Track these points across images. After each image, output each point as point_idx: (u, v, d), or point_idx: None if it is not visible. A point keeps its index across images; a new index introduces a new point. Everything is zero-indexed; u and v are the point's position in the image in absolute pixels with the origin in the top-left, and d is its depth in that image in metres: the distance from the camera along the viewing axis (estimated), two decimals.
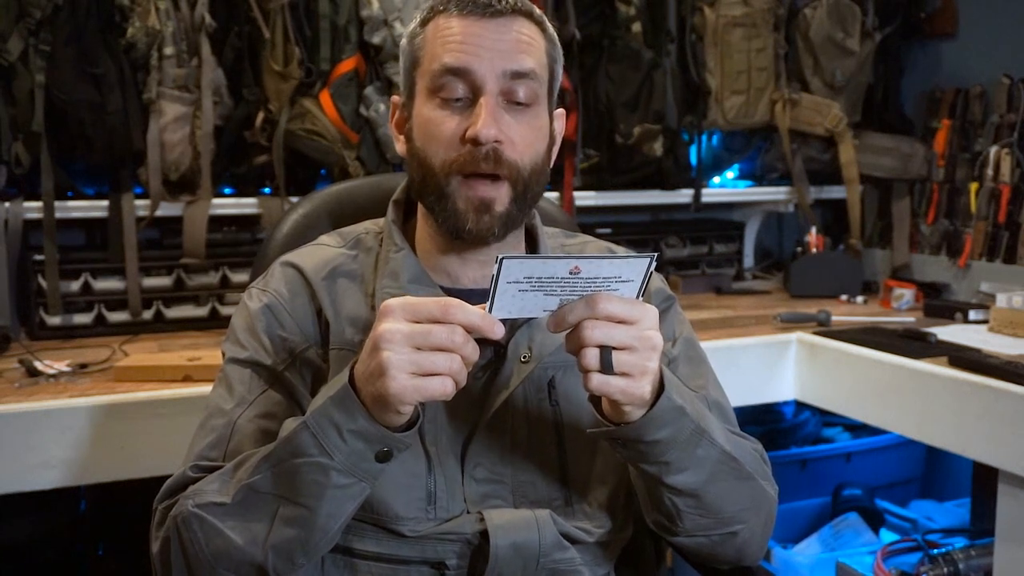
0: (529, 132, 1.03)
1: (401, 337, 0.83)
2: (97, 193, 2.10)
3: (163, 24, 1.93)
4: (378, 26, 2.08)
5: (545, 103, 1.07)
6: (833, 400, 2.01)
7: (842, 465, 2.70)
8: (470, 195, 1.01)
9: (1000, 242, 2.38)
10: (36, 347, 1.84)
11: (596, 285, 0.87)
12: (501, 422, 1.04)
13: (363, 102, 2.11)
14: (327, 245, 1.12)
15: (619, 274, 0.87)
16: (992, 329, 2.07)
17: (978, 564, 1.94)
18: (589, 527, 1.05)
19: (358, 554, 1.03)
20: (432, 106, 1.03)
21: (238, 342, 1.07)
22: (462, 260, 1.07)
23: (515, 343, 1.04)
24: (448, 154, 1.01)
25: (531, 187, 1.04)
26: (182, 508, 0.95)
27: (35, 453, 1.47)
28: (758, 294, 2.58)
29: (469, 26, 1.02)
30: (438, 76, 1.01)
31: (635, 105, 2.38)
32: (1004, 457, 1.63)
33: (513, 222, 1.05)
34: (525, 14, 1.05)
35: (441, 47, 1.02)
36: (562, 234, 1.21)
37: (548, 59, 1.07)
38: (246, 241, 2.15)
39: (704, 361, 1.17)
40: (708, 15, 2.49)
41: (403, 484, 1.02)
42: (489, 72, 1.01)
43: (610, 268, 0.86)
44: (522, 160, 1.02)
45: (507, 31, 1.02)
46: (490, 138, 0.99)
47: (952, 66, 2.63)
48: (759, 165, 2.72)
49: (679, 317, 1.18)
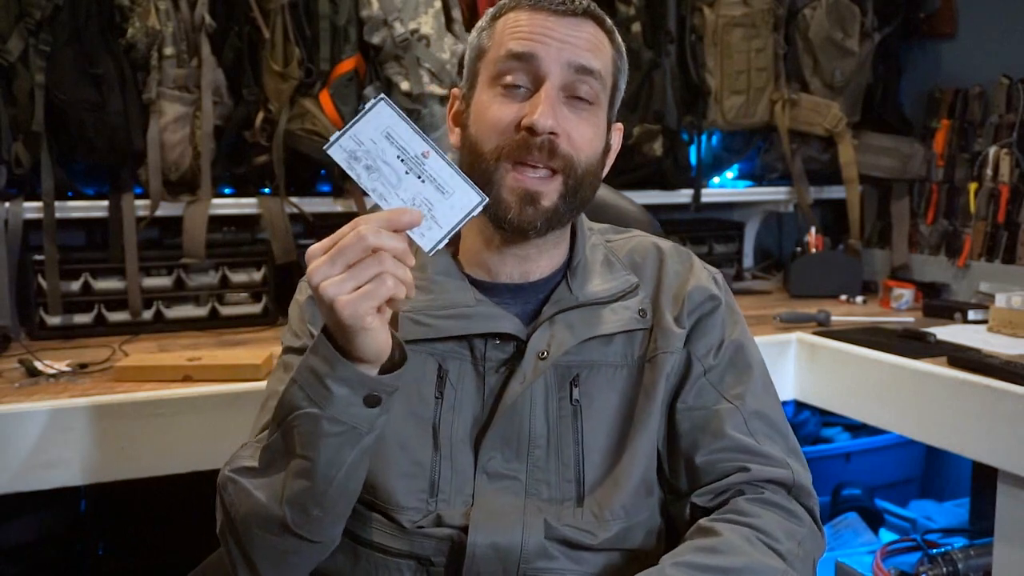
0: (587, 129, 1.03)
1: (325, 266, 0.84)
2: (97, 193, 2.10)
3: (163, 24, 1.93)
4: (378, 26, 2.08)
5: (606, 108, 1.06)
6: (832, 400, 2.01)
7: (841, 465, 2.70)
8: (517, 184, 1.01)
9: (999, 242, 2.38)
10: (36, 347, 1.84)
11: (433, 183, 0.88)
12: (519, 417, 1.04)
13: (363, 102, 2.11)
14: None
15: (453, 191, 0.88)
16: (991, 329, 2.07)
17: (977, 564, 1.94)
18: (596, 531, 1.03)
19: (361, 541, 1.04)
20: (493, 93, 1.03)
21: (293, 332, 1.11)
22: (500, 255, 1.08)
23: (535, 339, 1.04)
24: (501, 140, 1.01)
25: (583, 186, 1.03)
26: (221, 474, 1.01)
27: (35, 453, 1.47)
28: (758, 294, 2.58)
29: (540, 19, 1.02)
30: (502, 61, 1.02)
31: (635, 105, 2.38)
32: (1003, 457, 1.63)
33: (559, 219, 1.04)
34: (597, 20, 1.05)
35: (509, 36, 1.03)
36: (611, 230, 1.20)
37: (614, 67, 1.07)
38: (246, 241, 2.16)
39: (750, 367, 1.11)
40: (708, 15, 2.49)
41: (407, 472, 1.03)
42: (554, 61, 1.00)
43: (450, 180, 0.88)
44: (578, 156, 1.02)
45: (578, 29, 1.03)
46: (546, 128, 0.98)
47: (951, 66, 2.64)
48: (759, 165, 2.72)
49: (726, 320, 1.11)
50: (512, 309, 1.07)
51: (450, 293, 1.06)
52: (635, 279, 1.11)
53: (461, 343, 1.05)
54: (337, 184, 2.19)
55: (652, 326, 1.08)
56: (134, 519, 2.18)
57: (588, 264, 1.10)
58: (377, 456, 1.02)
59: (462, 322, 1.04)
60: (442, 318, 1.04)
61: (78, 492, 2.09)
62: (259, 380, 1.59)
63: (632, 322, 1.08)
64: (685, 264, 1.14)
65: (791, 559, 0.99)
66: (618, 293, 1.09)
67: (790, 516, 1.03)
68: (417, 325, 1.04)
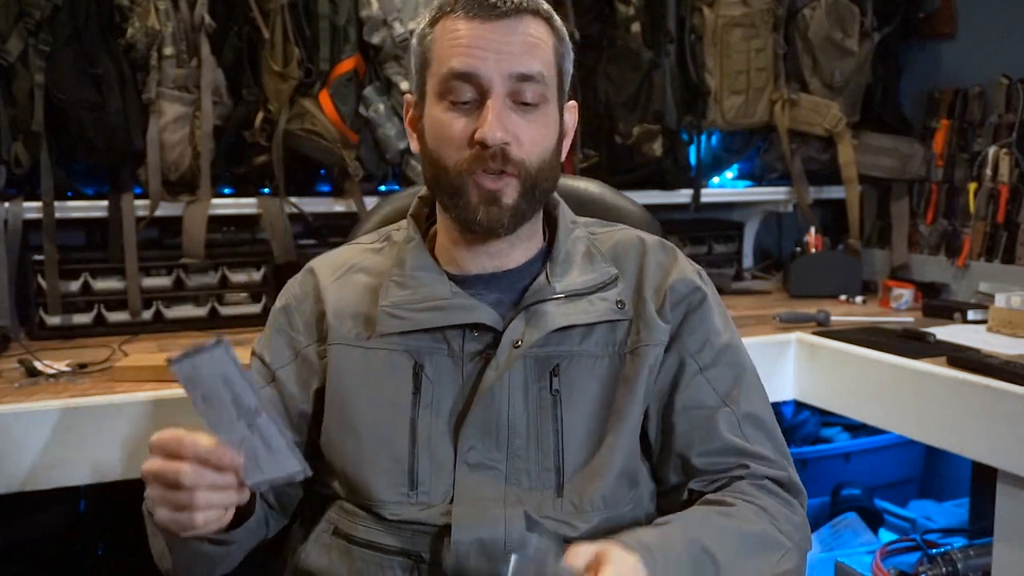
0: (536, 131, 1.05)
1: (151, 476, 0.88)
2: (97, 193, 2.09)
3: (163, 24, 1.93)
4: (377, 26, 2.08)
5: (554, 101, 1.08)
6: (832, 400, 2.01)
7: (841, 465, 2.70)
8: (480, 189, 1.04)
9: (999, 242, 2.38)
10: (35, 347, 1.84)
11: (261, 438, 0.87)
12: (496, 405, 1.05)
13: (362, 102, 2.11)
14: (358, 243, 1.21)
15: (278, 451, 0.87)
16: (991, 329, 2.07)
17: (977, 564, 1.94)
18: (576, 522, 1.04)
19: (355, 541, 1.06)
20: (441, 108, 1.05)
21: (263, 335, 1.19)
22: (471, 251, 1.11)
23: (511, 328, 1.06)
24: (459, 154, 1.04)
25: (539, 183, 1.07)
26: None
27: (35, 453, 1.47)
28: (757, 294, 2.58)
29: (475, 28, 1.03)
30: (446, 80, 1.04)
31: (634, 105, 2.39)
32: (1003, 457, 1.63)
33: (522, 216, 1.07)
34: (531, 12, 1.06)
35: (448, 50, 1.04)
36: (596, 223, 1.21)
37: (556, 56, 1.08)
38: (246, 241, 2.15)
39: (742, 367, 1.12)
40: (707, 15, 2.49)
41: (385, 468, 1.05)
42: (496, 75, 1.02)
43: (276, 442, 0.87)
44: (529, 159, 1.05)
45: (513, 32, 1.04)
46: (497, 141, 1.02)
47: (951, 66, 2.64)
48: (758, 165, 2.72)
49: (712, 314, 1.13)
50: (487, 299, 1.09)
51: (426, 287, 1.09)
52: (615, 271, 1.12)
53: (436, 336, 1.07)
54: (337, 184, 2.19)
55: (633, 317, 1.10)
56: (134, 519, 2.16)
57: (569, 256, 1.12)
58: (356, 454, 1.06)
59: (437, 314, 1.07)
60: (418, 311, 1.07)
61: (78, 492, 2.09)
62: None
63: (609, 313, 1.09)
64: (669, 256, 1.15)
65: (792, 543, 1.04)
66: (596, 285, 1.10)
67: (788, 506, 1.07)
68: (393, 319, 1.07)
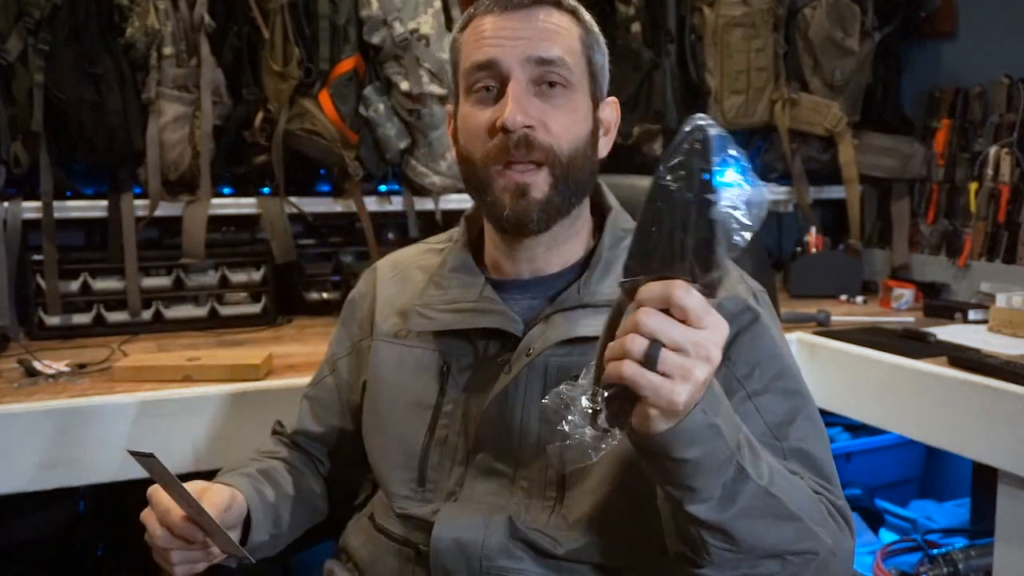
0: (564, 116, 1.03)
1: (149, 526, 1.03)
2: (96, 193, 2.09)
3: (162, 24, 1.93)
4: (377, 26, 2.08)
5: (583, 89, 1.06)
6: (832, 400, 2.01)
7: (842, 465, 2.68)
8: (506, 181, 1.02)
9: (1000, 242, 2.37)
10: (35, 347, 1.84)
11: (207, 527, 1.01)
12: (509, 412, 1.04)
13: (362, 102, 2.11)
14: (426, 243, 1.24)
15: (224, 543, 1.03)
16: (992, 329, 2.07)
17: (978, 564, 1.94)
18: (560, 538, 1.00)
19: (377, 526, 1.11)
20: (469, 104, 1.05)
21: (336, 325, 1.26)
22: (510, 254, 1.09)
23: (530, 336, 1.04)
24: (485, 146, 1.02)
25: (572, 173, 1.03)
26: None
27: (35, 453, 1.47)
28: None
29: (495, 22, 1.03)
30: (469, 74, 1.04)
31: (635, 105, 2.39)
32: (1004, 457, 1.63)
33: (555, 211, 1.03)
34: (552, 3, 1.05)
35: (472, 46, 1.04)
36: None
37: (582, 46, 1.06)
38: (245, 241, 2.15)
39: (799, 397, 1.03)
40: (708, 15, 2.49)
41: (399, 463, 1.09)
42: (513, 60, 1.01)
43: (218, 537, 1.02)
44: (558, 144, 1.02)
45: (531, 20, 1.03)
46: (517, 125, 0.99)
47: (951, 66, 2.63)
48: (758, 165, 2.72)
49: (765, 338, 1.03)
50: (519, 304, 1.08)
51: (457, 288, 1.09)
52: None
53: (465, 339, 1.08)
54: (337, 184, 2.19)
55: None
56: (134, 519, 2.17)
57: (609, 266, 1.06)
58: (379, 447, 1.13)
59: (459, 316, 1.07)
60: (443, 312, 1.08)
61: (77, 492, 2.09)
62: (258, 380, 1.58)
63: None
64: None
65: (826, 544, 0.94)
66: None
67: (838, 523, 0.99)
68: (422, 318, 1.09)
